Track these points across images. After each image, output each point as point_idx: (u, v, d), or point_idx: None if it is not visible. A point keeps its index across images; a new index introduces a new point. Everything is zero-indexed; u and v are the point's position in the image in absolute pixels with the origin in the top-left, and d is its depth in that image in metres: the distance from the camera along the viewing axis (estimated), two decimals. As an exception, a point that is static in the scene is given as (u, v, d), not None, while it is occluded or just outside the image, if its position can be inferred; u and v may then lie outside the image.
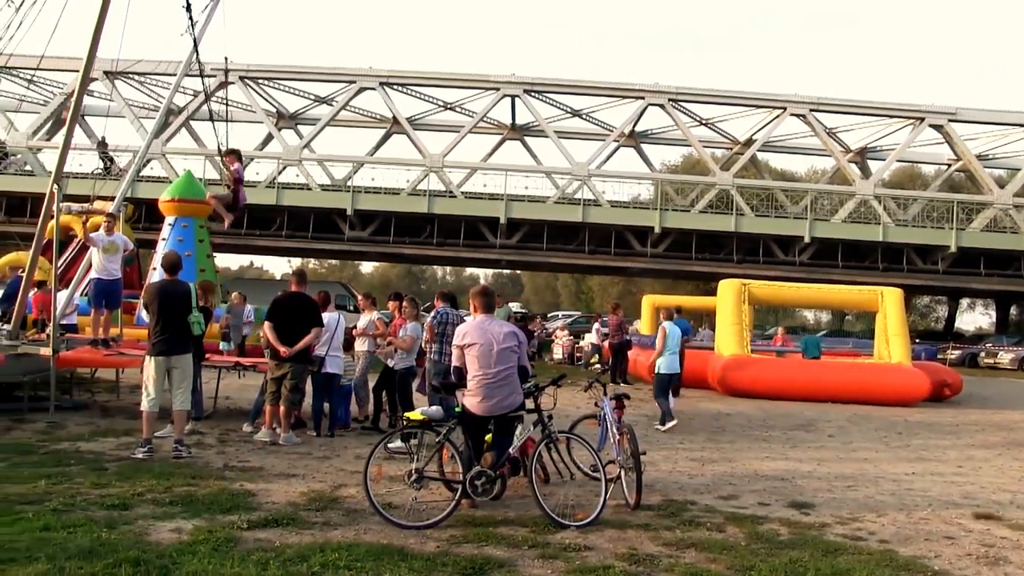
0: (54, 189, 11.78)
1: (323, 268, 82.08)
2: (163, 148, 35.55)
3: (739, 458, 10.46)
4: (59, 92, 36.75)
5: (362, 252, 42.12)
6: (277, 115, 40.92)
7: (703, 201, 36.97)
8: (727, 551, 6.12)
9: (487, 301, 7.30)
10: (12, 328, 11.98)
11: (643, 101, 36.88)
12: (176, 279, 9.44)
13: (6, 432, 9.71)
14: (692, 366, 20.15)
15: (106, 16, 11.12)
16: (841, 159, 38.52)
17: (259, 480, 7.75)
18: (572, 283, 71.89)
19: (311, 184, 36.95)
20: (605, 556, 5.88)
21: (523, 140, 42.54)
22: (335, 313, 11.00)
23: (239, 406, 12.36)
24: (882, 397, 18.06)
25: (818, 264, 36.09)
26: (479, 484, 6.70)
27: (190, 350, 9.23)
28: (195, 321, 9.09)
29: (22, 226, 25.08)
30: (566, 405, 13.29)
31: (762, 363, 19.87)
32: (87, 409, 11.80)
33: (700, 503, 7.70)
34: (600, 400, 8.26)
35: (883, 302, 20.09)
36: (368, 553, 5.58)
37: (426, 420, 7.00)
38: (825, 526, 7.07)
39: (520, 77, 36.67)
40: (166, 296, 9.04)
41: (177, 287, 9.25)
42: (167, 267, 9.56)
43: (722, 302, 20.46)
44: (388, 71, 37.06)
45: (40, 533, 5.68)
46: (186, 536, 5.83)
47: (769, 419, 14.89)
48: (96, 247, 12.51)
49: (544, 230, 36.66)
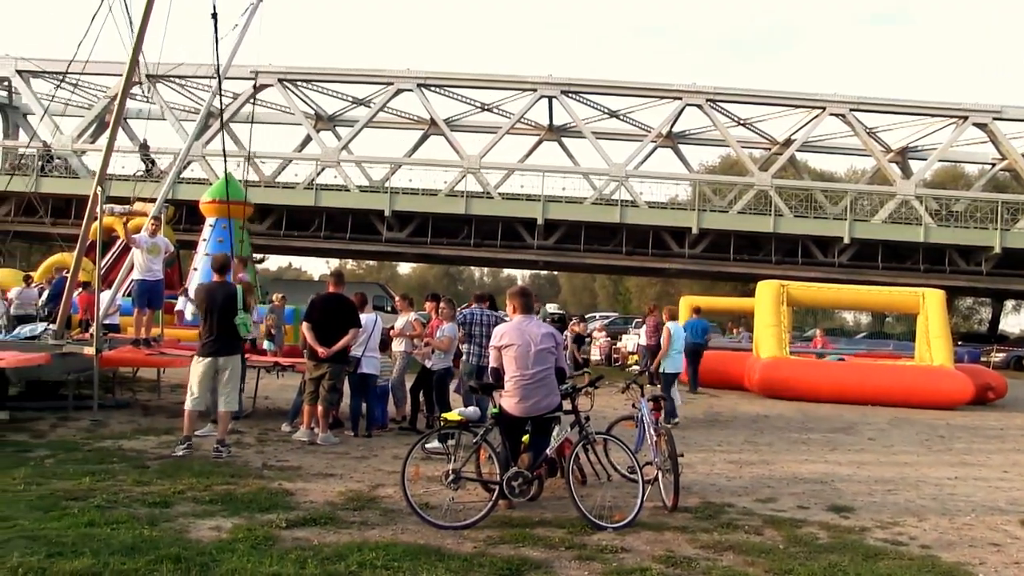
0: (97, 191, 11.99)
1: (361, 269, 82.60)
2: (203, 150, 35.97)
3: (777, 461, 10.37)
4: (103, 96, 37.34)
5: (399, 253, 42.27)
6: (316, 117, 41.23)
7: (741, 202, 36.66)
8: (765, 554, 6.07)
9: (525, 302, 7.29)
10: (57, 328, 12.20)
11: (681, 102, 36.65)
12: (224, 280, 9.55)
13: (52, 429, 9.90)
14: (730, 368, 20.19)
15: (148, 21, 11.29)
16: (881, 159, 37.99)
17: (297, 479, 7.81)
18: (609, 284, 71.66)
19: (349, 185, 37.17)
20: (642, 558, 5.86)
21: (560, 141, 42.46)
22: (372, 314, 11.05)
23: (278, 406, 12.47)
24: (924, 400, 17.79)
25: (858, 265, 35.61)
26: (516, 485, 6.70)
27: (239, 351, 9.30)
28: (242, 323, 9.14)
29: (67, 228, 25.48)
30: (603, 407, 13.27)
31: (801, 365, 19.67)
32: (129, 408, 11.98)
33: (738, 505, 7.64)
34: (637, 401, 8.22)
35: (924, 304, 19.79)
36: (405, 553, 5.60)
37: (463, 421, 7.01)
38: (865, 530, 6.98)
39: (557, 78, 36.62)
40: (212, 297, 9.14)
41: (224, 288, 9.32)
42: (216, 268, 9.65)
43: (760, 303, 20.30)
44: (425, 72, 37.19)
45: (85, 529, 5.78)
46: (225, 534, 5.90)
47: (808, 421, 14.74)
48: (139, 248, 12.71)
49: (581, 231, 36.56)
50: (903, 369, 19.53)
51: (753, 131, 40.63)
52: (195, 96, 38.36)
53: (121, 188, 24.13)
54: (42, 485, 7.01)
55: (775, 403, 17.47)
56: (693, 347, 19.74)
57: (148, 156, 36.18)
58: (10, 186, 33.16)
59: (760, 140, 41.58)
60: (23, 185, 31.69)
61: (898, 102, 36.82)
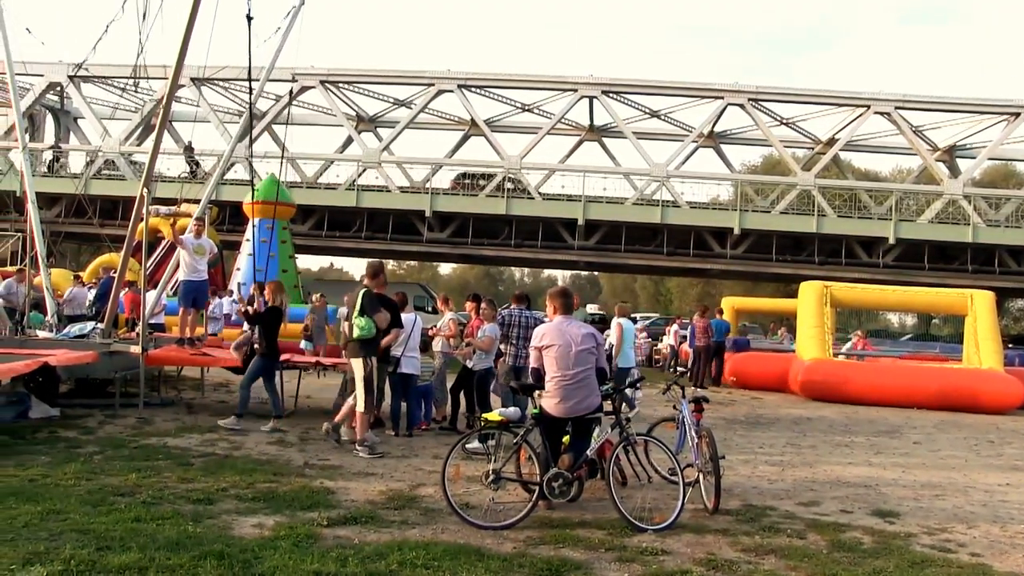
0: (144, 193, 12.19)
1: (402, 269, 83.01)
2: (247, 152, 36.39)
3: (820, 464, 10.23)
4: (149, 99, 37.96)
5: (440, 253, 42.46)
6: (357, 118, 41.55)
7: (784, 202, 36.31)
8: (808, 558, 5.99)
9: (565, 302, 7.27)
10: (105, 327, 12.42)
11: (722, 101, 36.39)
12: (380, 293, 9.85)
13: (100, 426, 10.09)
14: (774, 369, 20.01)
15: (194, 25, 11.44)
16: (928, 158, 37.39)
17: (339, 478, 7.87)
18: (651, 285, 71.34)
19: (390, 186, 37.41)
20: (683, 560, 5.82)
21: (601, 141, 42.36)
22: (412, 314, 11.09)
23: (320, 405, 12.57)
24: (972, 404, 17.44)
25: (903, 266, 35.08)
26: (556, 486, 6.69)
27: (358, 355, 9.33)
28: (362, 326, 9.23)
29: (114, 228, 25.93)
30: (644, 408, 13.22)
31: (845, 367, 19.42)
32: (173, 406, 12.15)
33: (780, 509, 7.55)
34: (679, 403, 8.17)
35: (973, 305, 19.43)
36: (445, 552, 5.62)
37: (504, 421, 7.01)
38: (911, 536, 6.85)
39: (598, 78, 36.54)
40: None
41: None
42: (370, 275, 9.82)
43: (803, 305, 20.09)
44: (466, 73, 37.31)
45: (132, 524, 5.87)
46: (268, 531, 5.95)
47: (852, 424, 14.54)
48: (186, 249, 12.91)
49: (622, 231, 36.45)
50: (950, 372, 19.17)
51: (796, 130, 40.22)
52: (239, 99, 38.84)
53: (167, 190, 24.51)
54: (91, 480, 7.14)
55: (818, 405, 17.26)
56: (716, 345, 19.94)
57: (193, 158, 36.74)
58: (60, 188, 33.91)
59: (803, 139, 41.15)
60: (73, 187, 32.32)
61: (945, 99, 36.19)
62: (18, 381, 9.89)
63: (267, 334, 10.74)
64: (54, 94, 40.38)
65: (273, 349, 10.75)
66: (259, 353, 10.75)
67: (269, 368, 10.78)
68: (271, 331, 10.77)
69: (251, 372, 10.72)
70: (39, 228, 14.07)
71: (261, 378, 10.73)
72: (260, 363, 10.70)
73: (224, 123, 38.09)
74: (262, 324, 10.79)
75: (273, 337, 10.77)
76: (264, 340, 10.74)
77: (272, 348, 10.73)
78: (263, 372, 10.71)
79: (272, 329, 10.79)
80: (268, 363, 10.75)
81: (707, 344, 20.06)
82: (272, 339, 10.75)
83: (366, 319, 9.25)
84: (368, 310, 9.29)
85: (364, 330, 9.24)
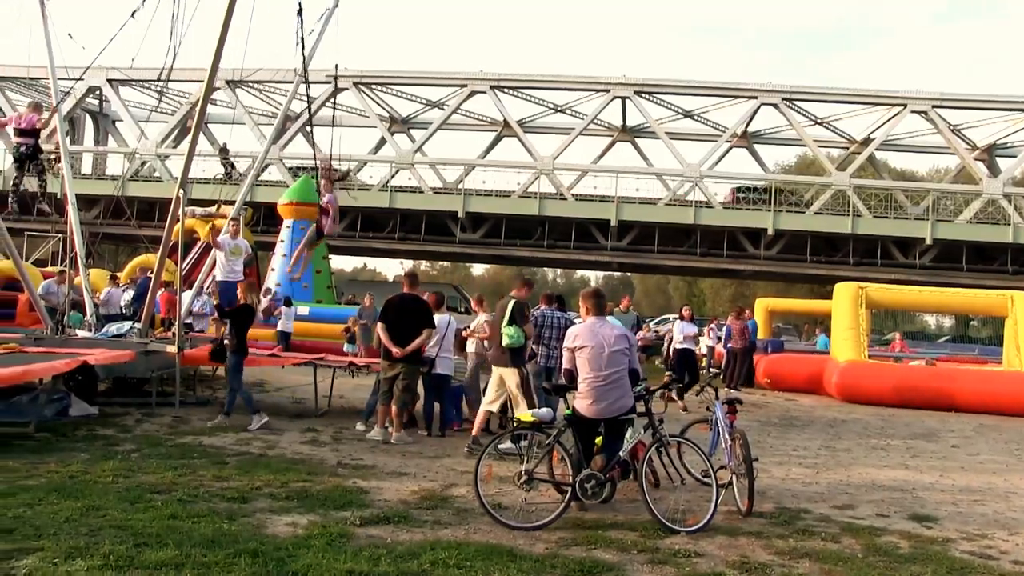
0: (180, 194, 12.33)
1: (435, 270, 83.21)
2: (280, 153, 36.71)
3: (856, 467, 10.11)
4: (185, 102, 38.41)
5: (473, 254, 42.61)
6: (390, 119, 41.78)
7: (818, 202, 36.00)
8: (843, 563, 5.92)
9: (598, 303, 7.26)
10: (142, 326, 12.58)
11: (756, 101, 36.19)
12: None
13: (137, 424, 10.22)
14: (808, 371, 19.83)
15: (228, 29, 11.55)
16: (966, 157, 36.88)
17: (371, 478, 7.90)
18: (684, 286, 70.97)
19: (423, 187, 37.58)
20: (716, 563, 5.78)
21: (634, 142, 42.26)
22: (446, 315, 11.12)
23: (352, 405, 12.63)
24: (1013, 407, 17.13)
25: (941, 267, 34.64)
26: (589, 487, 6.68)
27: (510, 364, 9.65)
28: (512, 335, 9.51)
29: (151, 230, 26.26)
30: (677, 409, 13.16)
31: (880, 369, 19.19)
32: (209, 405, 12.27)
33: (814, 512, 7.47)
34: (712, 404, 8.12)
35: (1013, 307, 19.11)
36: (477, 552, 5.63)
37: (536, 422, 7.01)
38: (950, 541, 6.73)
39: (630, 78, 36.45)
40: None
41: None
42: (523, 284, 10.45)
43: (838, 306, 19.90)
44: (498, 74, 37.39)
45: (168, 521, 5.95)
46: (301, 530, 6.00)
47: (888, 427, 14.35)
48: (222, 250, 13.05)
49: (655, 232, 36.33)
50: (989, 374, 18.87)
51: (831, 130, 39.87)
52: (272, 101, 39.21)
53: (202, 191, 24.80)
54: (129, 478, 7.24)
55: (853, 407, 17.07)
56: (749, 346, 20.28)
57: (228, 159, 37.08)
58: (99, 190, 34.41)
59: (838, 139, 40.79)
60: (112, 189, 32.80)
61: (984, 97, 35.73)
62: (58, 379, 10.04)
63: (238, 331, 10.91)
64: (93, 97, 41.00)
65: (242, 346, 10.92)
66: (230, 349, 10.87)
67: (238, 364, 10.88)
68: (242, 328, 10.95)
69: (232, 370, 10.83)
70: (79, 229, 14.29)
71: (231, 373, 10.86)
72: (234, 359, 10.81)
73: (258, 125, 38.43)
74: (234, 321, 10.94)
75: (243, 334, 10.92)
76: (235, 337, 10.90)
77: (242, 345, 10.90)
78: (234, 367, 10.82)
79: (243, 327, 10.97)
80: (239, 359, 10.87)
81: (744, 346, 19.93)
82: (242, 336, 10.89)
83: (515, 328, 9.53)
84: (518, 320, 9.59)
85: (514, 339, 9.55)
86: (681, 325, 16.91)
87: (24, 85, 41.64)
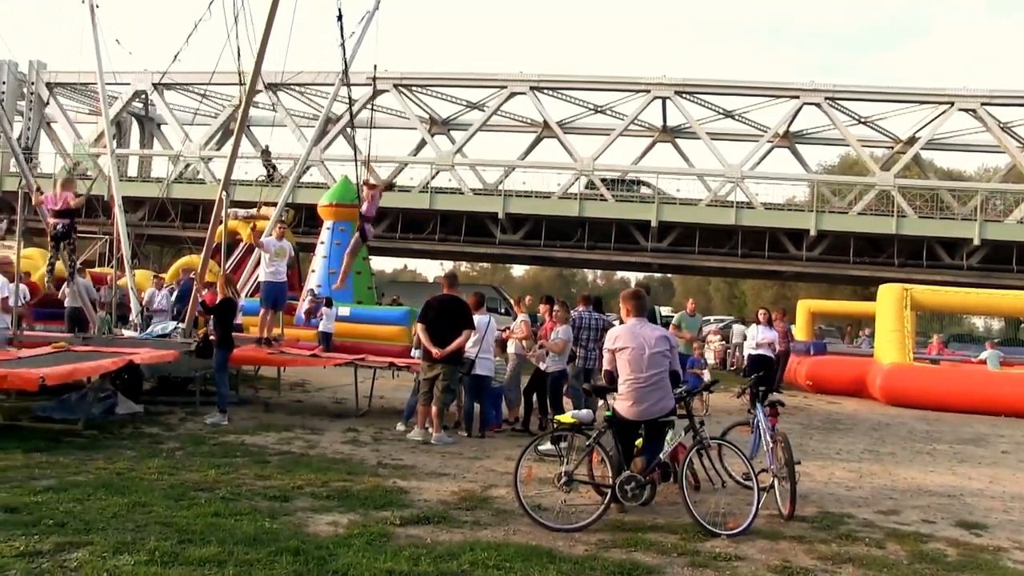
0: (222, 196, 12.48)
1: (475, 271, 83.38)
2: (321, 155, 37.02)
3: (900, 471, 9.95)
4: (227, 105, 38.89)
5: (513, 255, 42.61)
6: (430, 121, 41.94)
7: (862, 202, 35.50)
8: (888, 569, 5.83)
9: (639, 304, 7.22)
10: (185, 326, 12.76)
11: (798, 100, 35.77)
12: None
13: (181, 423, 10.38)
14: (851, 373, 19.56)
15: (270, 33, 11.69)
16: (1017, 155, 36.12)
17: (411, 478, 7.94)
18: (724, 287, 70.43)
19: (463, 188, 37.66)
20: (757, 567, 5.73)
21: (674, 142, 41.99)
22: (486, 315, 11.14)
23: (393, 406, 12.70)
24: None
25: (989, 268, 33.96)
26: (629, 489, 6.65)
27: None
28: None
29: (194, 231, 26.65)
30: (718, 411, 13.05)
31: (926, 372, 18.90)
32: (251, 405, 12.42)
33: (858, 517, 7.37)
34: (754, 407, 8.05)
35: (1064, 309, 18.72)
36: (517, 553, 5.63)
37: (576, 423, 7.00)
38: (1001, 550, 6.57)
39: (671, 78, 36.23)
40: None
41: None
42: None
43: (882, 308, 19.62)
44: (538, 75, 37.35)
45: (211, 519, 6.03)
46: (342, 529, 6.04)
47: (934, 431, 14.12)
48: (267, 252, 13.20)
49: (696, 233, 36.07)
50: (1039, 378, 18.49)
51: (874, 129, 39.29)
52: (314, 103, 39.55)
53: (244, 193, 25.09)
54: (173, 475, 7.36)
55: (897, 411, 16.82)
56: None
57: (269, 161, 37.47)
58: (144, 192, 34.99)
59: (882, 138, 40.18)
60: (157, 191, 33.33)
61: (1036, 94, 34.91)
62: (106, 378, 10.23)
63: (221, 325, 10.98)
64: (139, 101, 41.70)
65: (227, 340, 10.96)
66: (215, 344, 10.94)
67: (223, 359, 10.95)
68: (225, 322, 11.01)
69: (218, 364, 10.90)
70: (125, 231, 14.54)
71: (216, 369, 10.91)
72: (220, 354, 10.88)
73: (300, 127, 38.80)
74: (216, 316, 11.03)
75: (227, 328, 10.98)
76: (219, 331, 10.99)
77: (226, 339, 10.95)
78: (219, 362, 10.89)
79: (226, 320, 11.03)
80: (224, 353, 10.93)
81: (786, 348, 19.70)
82: (227, 330, 10.96)
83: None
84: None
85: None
86: (757, 329, 16.56)
87: (74, 91, 42.54)
